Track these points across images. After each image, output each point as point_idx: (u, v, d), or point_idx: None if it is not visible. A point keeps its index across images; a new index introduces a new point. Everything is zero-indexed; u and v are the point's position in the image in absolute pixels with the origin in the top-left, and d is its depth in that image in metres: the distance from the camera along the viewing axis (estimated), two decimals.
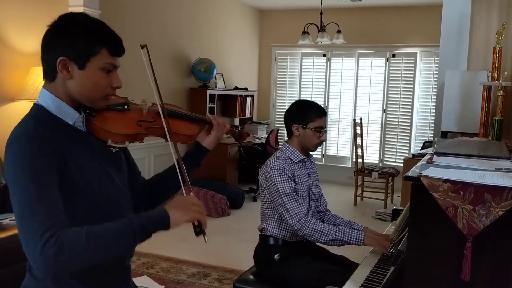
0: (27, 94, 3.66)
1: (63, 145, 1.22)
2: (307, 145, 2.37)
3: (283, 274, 2.24)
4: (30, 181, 1.13)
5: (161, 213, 1.21)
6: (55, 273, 1.11)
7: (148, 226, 1.19)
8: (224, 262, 3.85)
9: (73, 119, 1.29)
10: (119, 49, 1.30)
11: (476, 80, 4.03)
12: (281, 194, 2.23)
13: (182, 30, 5.94)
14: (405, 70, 7.01)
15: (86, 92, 1.27)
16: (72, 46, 1.23)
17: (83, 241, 1.10)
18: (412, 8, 6.81)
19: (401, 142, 7.10)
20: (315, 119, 2.34)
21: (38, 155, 1.16)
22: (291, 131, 2.38)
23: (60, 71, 1.24)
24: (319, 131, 2.34)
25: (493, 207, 1.24)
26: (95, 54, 1.25)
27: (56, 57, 1.24)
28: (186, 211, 1.24)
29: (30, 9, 3.91)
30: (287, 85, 7.84)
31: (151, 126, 1.43)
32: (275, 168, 2.27)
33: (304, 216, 2.20)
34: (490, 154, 1.81)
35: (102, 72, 1.27)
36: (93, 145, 1.31)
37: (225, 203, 5.34)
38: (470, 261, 1.28)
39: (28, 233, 1.10)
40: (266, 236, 2.35)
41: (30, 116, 1.26)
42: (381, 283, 1.67)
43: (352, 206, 6.03)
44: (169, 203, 1.26)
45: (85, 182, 1.25)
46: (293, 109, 2.42)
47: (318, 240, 2.19)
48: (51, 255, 1.07)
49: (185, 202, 1.26)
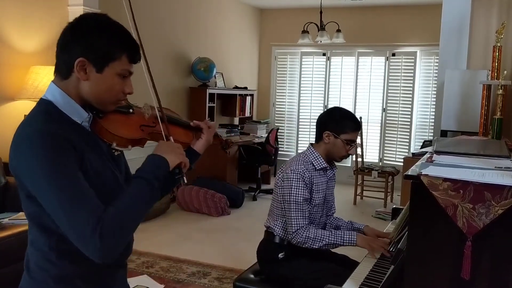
0: (27, 93, 3.66)
1: (76, 141, 1.21)
2: (333, 154, 2.31)
3: (285, 272, 2.25)
4: (62, 177, 1.13)
5: (158, 159, 1.28)
6: (117, 254, 1.16)
7: (159, 173, 1.26)
8: (224, 261, 3.85)
9: (81, 119, 1.28)
10: (138, 57, 1.30)
11: (476, 79, 4.03)
12: (292, 200, 2.22)
13: (182, 30, 5.93)
14: (405, 69, 7.01)
15: (98, 95, 1.26)
16: (93, 48, 1.22)
17: (124, 214, 1.16)
18: (412, 7, 6.81)
19: (401, 141, 7.10)
20: (349, 132, 2.26)
21: (59, 150, 1.15)
22: (321, 137, 2.31)
23: (77, 71, 1.23)
24: (349, 144, 2.28)
25: (493, 205, 1.24)
26: (115, 59, 1.24)
27: (75, 57, 1.22)
28: (177, 154, 1.32)
29: (30, 8, 3.90)
30: (287, 84, 7.84)
31: (152, 131, 1.42)
32: (295, 172, 2.24)
33: (302, 227, 2.20)
34: (490, 153, 1.81)
35: (118, 78, 1.26)
36: (99, 145, 1.31)
37: (225, 202, 5.34)
38: (470, 260, 1.28)
39: (80, 227, 1.11)
40: (272, 233, 2.35)
41: (39, 111, 1.24)
42: (381, 282, 1.68)
43: (352, 205, 6.03)
44: (157, 148, 1.33)
45: (96, 178, 1.24)
46: (329, 115, 2.34)
47: (311, 246, 2.20)
48: (111, 238, 1.12)
49: (173, 147, 1.34)
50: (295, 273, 2.22)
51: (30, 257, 1.28)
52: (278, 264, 2.28)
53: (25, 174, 1.17)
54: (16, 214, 3.12)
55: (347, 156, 2.32)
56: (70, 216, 1.12)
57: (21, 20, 3.85)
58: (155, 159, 1.28)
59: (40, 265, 1.25)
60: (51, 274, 1.24)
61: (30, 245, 1.28)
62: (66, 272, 1.24)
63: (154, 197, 1.26)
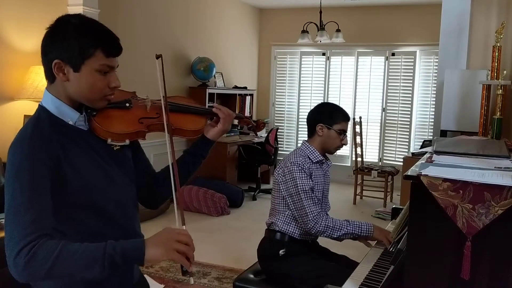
0: (26, 93, 3.66)
1: (60, 147, 1.23)
2: (328, 146, 2.39)
3: (285, 270, 2.26)
4: (20, 186, 1.15)
5: (137, 248, 1.15)
6: (23, 279, 1.13)
7: (119, 260, 1.13)
8: (223, 261, 3.85)
9: (73, 119, 1.30)
10: (115, 50, 1.29)
11: (476, 79, 4.03)
12: (299, 190, 2.25)
13: (181, 29, 5.93)
14: (405, 69, 7.01)
15: (83, 94, 1.28)
16: (66, 49, 1.24)
17: (54, 256, 1.10)
18: (412, 7, 6.81)
19: (401, 141, 7.10)
20: (341, 122, 2.37)
21: (30, 160, 1.17)
22: (314, 131, 2.40)
23: (57, 74, 1.25)
24: (342, 134, 2.37)
25: (492, 206, 1.24)
26: (89, 56, 1.24)
27: (52, 60, 1.25)
28: (168, 249, 1.15)
29: (29, 8, 3.90)
30: (286, 84, 7.84)
31: (153, 123, 1.42)
32: (296, 164, 2.29)
33: (318, 214, 2.22)
34: (489, 153, 1.81)
35: (98, 74, 1.26)
36: (93, 145, 1.31)
37: (224, 202, 5.34)
38: (469, 260, 1.28)
39: (9, 237, 1.12)
40: (273, 231, 2.36)
41: (32, 119, 1.28)
42: (380, 282, 1.68)
43: (352, 205, 6.03)
44: (153, 236, 1.20)
45: (81, 184, 1.25)
46: (319, 109, 2.45)
47: (330, 236, 2.22)
48: (22, 263, 1.09)
49: (169, 238, 1.17)
50: (295, 270, 2.23)
51: None
52: (278, 261, 2.28)
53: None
54: None
55: (341, 146, 2.42)
56: (8, 224, 1.14)
57: (21, 20, 3.85)
58: (136, 246, 1.16)
59: None
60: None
61: None
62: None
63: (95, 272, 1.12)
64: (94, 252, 1.12)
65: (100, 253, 1.12)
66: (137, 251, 1.14)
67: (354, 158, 6.25)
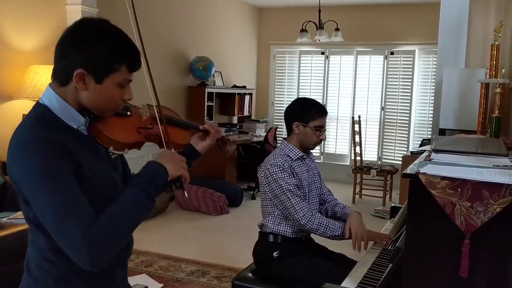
0: (25, 92, 3.65)
1: (72, 146, 1.20)
2: (306, 143, 2.38)
3: (282, 271, 2.25)
4: (55, 186, 1.13)
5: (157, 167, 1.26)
6: (106, 263, 1.16)
7: (158, 184, 1.24)
8: (222, 260, 3.86)
9: (77, 124, 1.27)
10: (138, 65, 1.29)
11: (474, 78, 4.03)
12: (285, 190, 2.24)
13: (180, 28, 5.93)
14: (404, 68, 7.02)
15: (97, 104, 1.26)
16: (93, 59, 1.20)
17: (116, 223, 1.16)
18: (410, 6, 6.81)
19: (400, 140, 7.11)
20: (316, 118, 2.34)
21: (54, 158, 1.15)
22: (291, 129, 2.38)
23: (76, 82, 1.21)
24: (319, 130, 2.35)
25: (490, 204, 1.24)
26: (114, 71, 1.23)
27: (74, 67, 1.20)
28: (178, 166, 1.29)
29: (28, 7, 3.89)
30: (285, 83, 7.84)
31: (149, 134, 1.42)
32: (275, 165, 2.28)
33: (309, 211, 2.22)
34: (488, 151, 1.81)
35: (117, 87, 1.25)
36: (96, 148, 1.31)
37: (223, 201, 5.34)
38: (468, 258, 1.28)
39: (70, 235, 1.12)
40: (265, 233, 2.35)
41: (35, 117, 1.23)
42: (379, 280, 1.68)
43: (351, 204, 6.03)
44: (160, 156, 1.31)
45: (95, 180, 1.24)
46: (294, 107, 2.41)
47: (323, 234, 2.21)
48: (99, 249, 1.12)
49: (176, 158, 1.31)
50: (292, 271, 2.22)
51: (30, 257, 1.29)
52: (274, 263, 2.28)
53: (20, 180, 1.18)
54: (14, 214, 3.12)
55: (320, 142, 2.40)
56: (60, 223, 1.13)
57: (20, 19, 3.84)
58: (155, 167, 1.26)
59: (40, 265, 1.26)
60: (51, 273, 1.24)
61: (30, 245, 1.28)
62: (66, 271, 1.24)
63: (150, 207, 1.24)
64: (135, 196, 1.21)
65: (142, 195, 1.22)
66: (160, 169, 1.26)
67: (353, 157, 6.25)
